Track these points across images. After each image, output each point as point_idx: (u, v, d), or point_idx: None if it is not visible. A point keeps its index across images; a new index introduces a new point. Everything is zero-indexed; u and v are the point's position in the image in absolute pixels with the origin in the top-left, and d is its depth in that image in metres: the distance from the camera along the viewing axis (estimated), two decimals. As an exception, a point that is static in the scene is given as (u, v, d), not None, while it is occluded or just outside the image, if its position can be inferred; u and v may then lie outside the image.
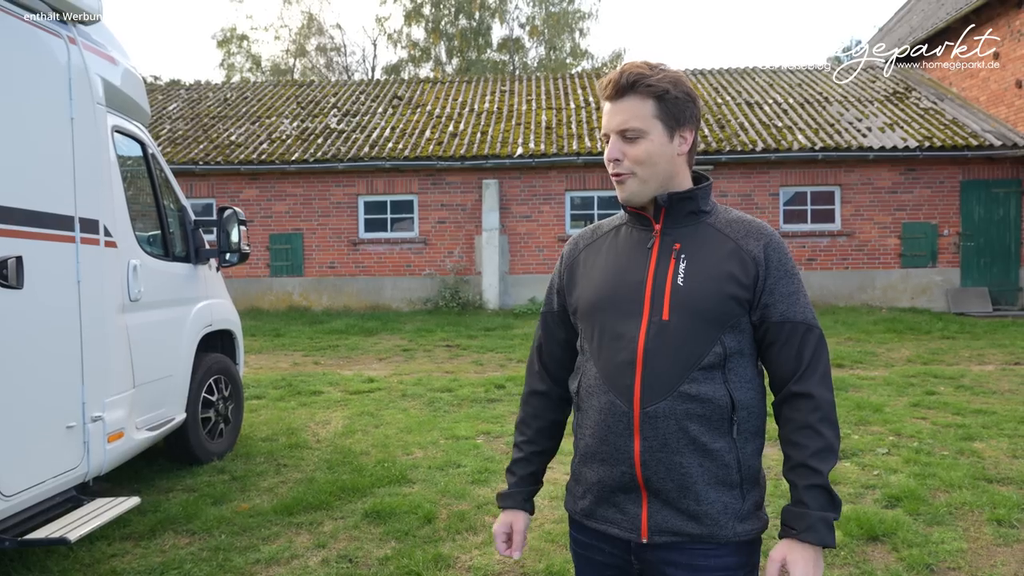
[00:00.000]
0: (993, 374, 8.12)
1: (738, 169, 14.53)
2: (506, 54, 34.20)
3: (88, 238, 3.64)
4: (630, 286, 1.60)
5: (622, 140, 1.60)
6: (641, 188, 1.61)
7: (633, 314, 1.58)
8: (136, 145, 4.66)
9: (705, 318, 1.55)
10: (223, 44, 35.48)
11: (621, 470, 1.58)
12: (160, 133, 16.26)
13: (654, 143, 1.58)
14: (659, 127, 1.58)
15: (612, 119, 1.60)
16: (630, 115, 1.58)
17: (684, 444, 1.53)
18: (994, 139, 14.00)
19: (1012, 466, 4.86)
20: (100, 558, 3.70)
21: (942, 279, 14.44)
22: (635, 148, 1.58)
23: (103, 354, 3.73)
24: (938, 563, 3.51)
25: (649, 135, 1.58)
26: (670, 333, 1.55)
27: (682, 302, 1.55)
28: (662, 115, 1.58)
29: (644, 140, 1.58)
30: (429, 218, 15.07)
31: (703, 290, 1.55)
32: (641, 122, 1.57)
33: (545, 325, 1.82)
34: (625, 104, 1.58)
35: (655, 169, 1.60)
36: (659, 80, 1.57)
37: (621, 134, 1.59)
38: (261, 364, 9.35)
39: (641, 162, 1.59)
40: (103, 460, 3.72)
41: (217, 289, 5.55)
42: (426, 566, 3.54)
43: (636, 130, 1.58)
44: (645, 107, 1.57)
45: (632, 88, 1.57)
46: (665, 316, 1.55)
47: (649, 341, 1.55)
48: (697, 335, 1.55)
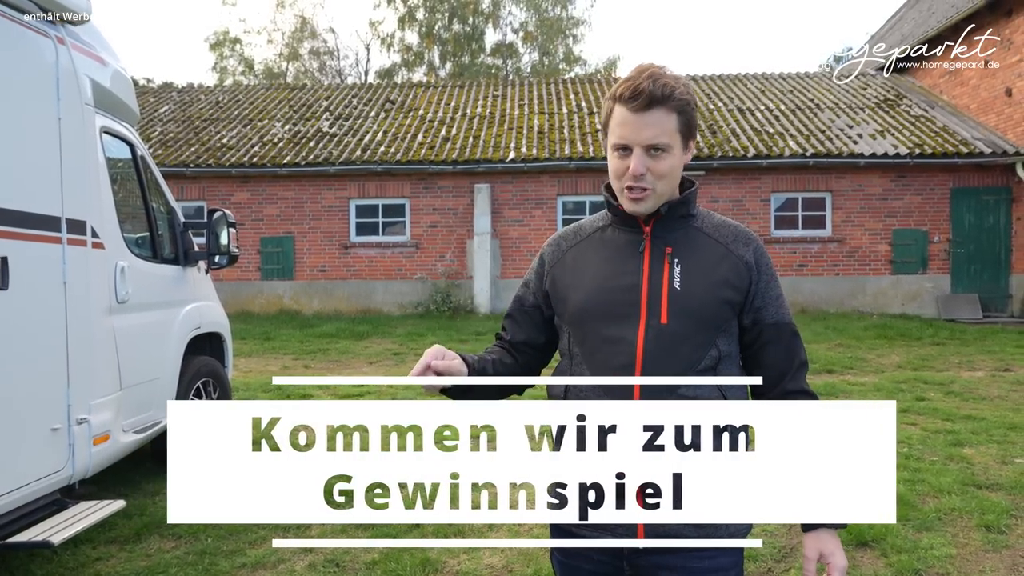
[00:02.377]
0: (983, 380, 8.15)
1: (730, 175, 14.57)
2: (499, 59, 34.26)
3: (75, 239, 3.61)
4: (624, 290, 1.59)
5: (647, 154, 1.54)
6: (656, 202, 1.59)
7: (629, 318, 1.57)
8: (125, 146, 4.63)
9: (703, 322, 1.56)
10: (216, 47, 35.42)
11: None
12: (151, 135, 16.20)
13: (675, 158, 1.56)
14: (679, 141, 1.56)
15: (640, 132, 1.53)
16: (659, 130, 1.53)
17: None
18: (984, 147, 14.08)
19: (1001, 472, 4.87)
20: (84, 562, 3.67)
21: (932, 286, 14.50)
22: (660, 164, 1.55)
23: (89, 356, 3.70)
24: (927, 569, 3.51)
25: (673, 150, 1.55)
26: (669, 337, 1.55)
27: (681, 306, 1.56)
28: (682, 129, 1.56)
29: (668, 156, 1.55)
30: (421, 222, 15.06)
31: (701, 294, 1.56)
32: (668, 137, 1.54)
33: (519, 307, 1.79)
34: (654, 117, 1.52)
35: (672, 183, 1.59)
36: (683, 93, 1.53)
37: (648, 148, 1.54)
38: (251, 367, 9.31)
39: (663, 177, 1.56)
40: (88, 463, 3.68)
41: (206, 292, 5.52)
42: (413, 571, 3.52)
43: (664, 145, 1.53)
44: (671, 122, 1.54)
45: (663, 101, 1.52)
46: (664, 320, 1.55)
47: (648, 344, 1.55)
48: (695, 339, 1.56)
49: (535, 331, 1.77)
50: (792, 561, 3.62)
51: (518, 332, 1.78)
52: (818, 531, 1.58)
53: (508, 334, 1.80)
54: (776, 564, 3.61)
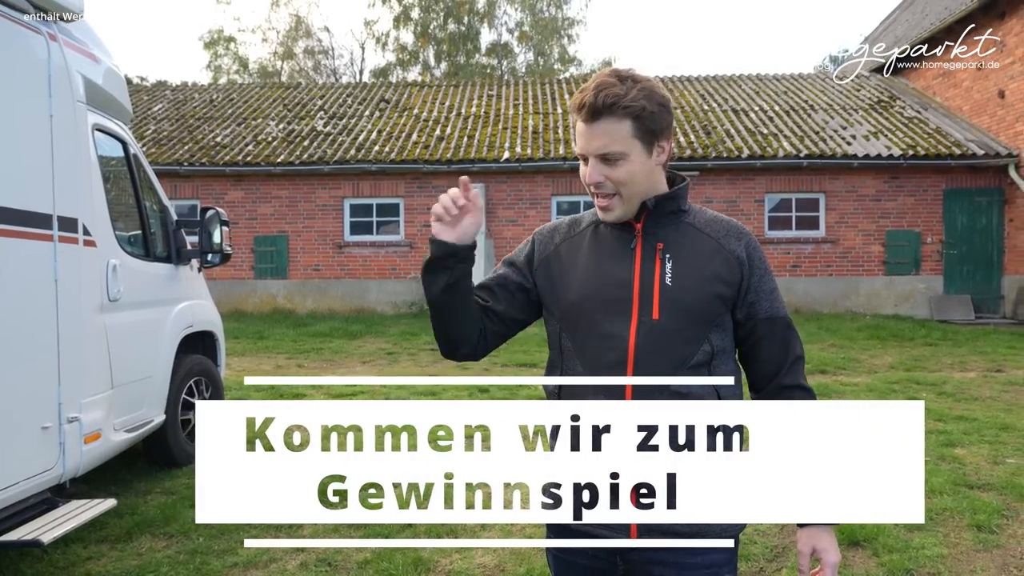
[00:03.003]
0: (975, 381, 8.18)
1: (724, 175, 14.59)
2: (494, 59, 34.24)
3: (66, 237, 3.59)
4: (616, 286, 1.59)
5: (602, 163, 1.55)
6: (626, 209, 1.59)
7: (622, 314, 1.57)
8: (117, 144, 4.61)
9: (695, 317, 1.57)
10: (210, 46, 35.32)
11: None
12: (145, 134, 16.14)
13: (635, 163, 1.56)
14: (638, 146, 1.55)
15: (590, 143, 1.55)
16: (608, 139, 1.53)
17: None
18: (977, 148, 14.14)
19: (993, 472, 4.88)
20: (75, 561, 3.65)
21: (925, 287, 14.55)
22: (617, 171, 1.55)
23: (80, 354, 3.68)
24: (918, 568, 3.52)
25: (630, 156, 1.55)
26: (661, 332, 1.55)
27: (672, 301, 1.56)
28: (640, 133, 1.54)
29: (625, 162, 1.55)
30: (415, 221, 15.04)
31: (692, 289, 1.57)
32: (621, 145, 1.53)
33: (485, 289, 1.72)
34: (602, 127, 1.53)
35: (638, 188, 1.58)
36: (633, 98, 1.52)
37: (601, 157, 1.55)
38: (244, 366, 9.28)
39: (624, 183, 1.56)
40: (79, 462, 3.66)
41: (199, 290, 5.51)
42: (406, 570, 3.51)
43: (616, 153, 1.54)
44: (622, 128, 1.53)
45: (608, 110, 1.52)
46: (655, 316, 1.56)
47: (640, 340, 1.55)
48: (687, 334, 1.56)
49: (512, 307, 1.72)
50: (784, 560, 3.62)
51: (495, 302, 1.72)
52: (812, 527, 1.61)
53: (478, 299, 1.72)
54: (768, 564, 3.61)
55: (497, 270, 1.76)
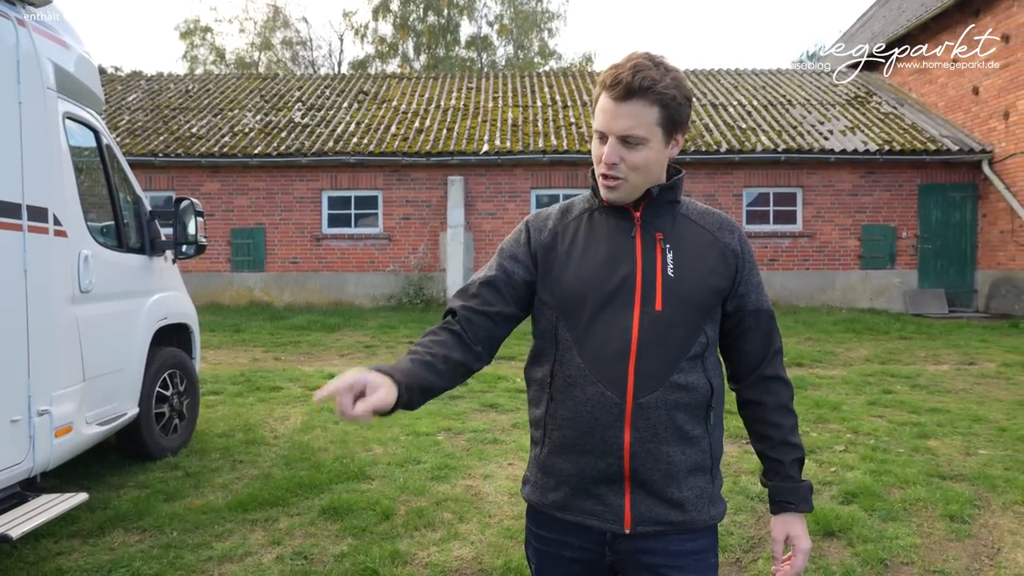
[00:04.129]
0: (948, 374, 8.29)
1: (703, 169, 14.65)
2: (474, 52, 34.12)
3: (36, 226, 3.52)
4: (619, 276, 1.57)
5: (622, 144, 1.53)
6: (631, 193, 1.58)
7: (624, 304, 1.56)
8: (89, 133, 4.53)
9: (695, 309, 1.58)
10: (186, 36, 34.90)
11: (608, 461, 1.56)
12: (118, 124, 15.92)
13: (653, 151, 1.55)
14: (659, 134, 1.54)
15: (616, 122, 1.52)
16: (635, 121, 1.51)
17: (671, 433, 1.56)
18: (951, 144, 14.30)
19: (965, 463, 4.95)
20: (45, 556, 3.59)
21: (900, 281, 14.72)
22: (635, 155, 1.53)
23: (51, 346, 3.62)
24: (892, 558, 3.55)
25: (650, 143, 1.53)
26: (663, 324, 1.55)
27: (674, 293, 1.56)
28: (664, 122, 1.53)
29: (644, 148, 1.53)
30: (394, 214, 14.96)
31: (693, 281, 1.58)
32: (645, 130, 1.52)
33: (493, 289, 1.64)
34: (631, 108, 1.50)
35: (649, 175, 1.57)
36: (667, 86, 1.50)
37: (623, 139, 1.52)
38: (220, 359, 9.20)
39: (638, 168, 1.55)
40: (50, 455, 3.60)
41: (173, 282, 5.43)
42: (383, 562, 3.49)
43: (639, 138, 1.52)
44: (651, 114, 1.51)
45: (643, 93, 1.49)
46: (658, 307, 1.55)
47: (643, 332, 1.55)
48: (687, 325, 1.57)
49: (520, 306, 1.66)
50: (760, 551, 3.65)
51: (504, 305, 1.64)
52: (786, 515, 1.65)
53: (485, 304, 1.63)
54: (745, 554, 3.63)
55: (500, 265, 1.68)
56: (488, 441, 5.45)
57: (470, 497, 4.37)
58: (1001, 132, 13.87)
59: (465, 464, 4.95)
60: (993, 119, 14.06)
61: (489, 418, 6.18)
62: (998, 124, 13.93)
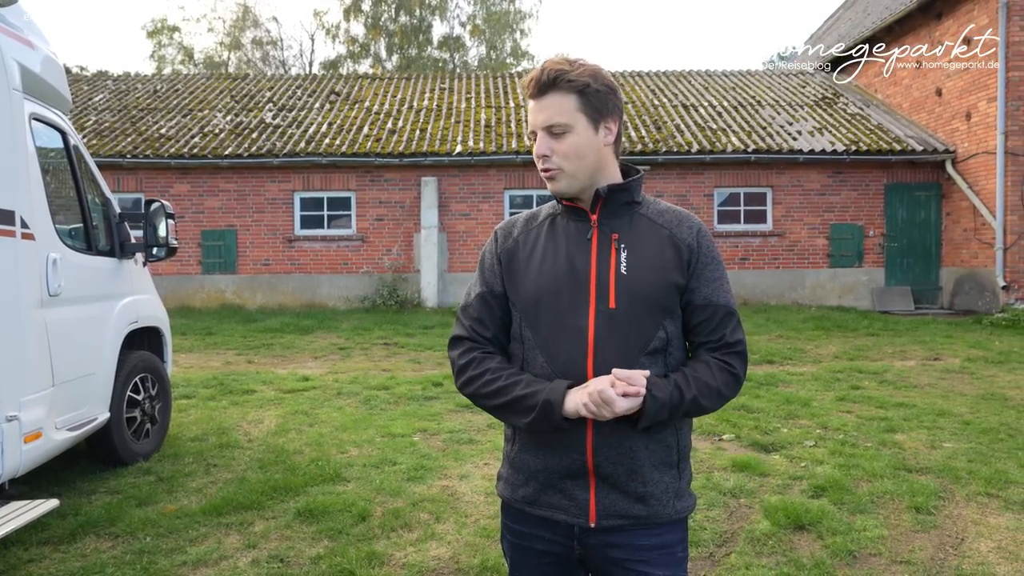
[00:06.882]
0: (914, 369, 8.45)
1: (674, 170, 14.78)
2: (447, 52, 34.08)
3: (3, 230, 3.48)
4: (574, 277, 1.62)
5: (549, 136, 1.62)
6: (571, 182, 1.64)
7: (580, 304, 1.61)
8: (56, 134, 4.47)
9: (650, 305, 1.61)
10: (153, 35, 34.47)
11: (572, 457, 1.61)
12: (85, 124, 15.68)
13: (580, 136, 1.61)
14: (583, 120, 1.61)
15: (537, 116, 1.63)
16: (554, 111, 1.60)
17: (633, 428, 1.57)
18: (916, 144, 14.57)
19: (931, 456, 5.06)
20: (15, 563, 3.54)
21: (868, 278, 14.96)
22: (562, 143, 1.61)
23: (19, 351, 3.57)
24: (860, 549, 3.63)
25: (575, 129, 1.61)
26: (619, 321, 1.59)
27: (628, 290, 1.60)
28: (585, 108, 1.61)
29: (570, 134, 1.61)
30: (367, 215, 14.90)
31: (647, 278, 1.61)
32: (566, 117, 1.60)
33: (486, 304, 1.72)
34: (548, 101, 1.61)
35: (584, 162, 1.63)
36: (579, 75, 1.60)
37: (547, 130, 1.61)
38: (192, 363, 9.11)
39: (569, 156, 1.62)
40: (19, 461, 3.55)
41: (144, 285, 5.38)
42: (359, 564, 3.49)
43: (562, 125, 1.61)
44: (568, 102, 1.60)
45: (554, 84, 1.60)
46: (612, 304, 1.59)
47: (599, 329, 1.59)
48: (643, 322, 1.60)
49: (508, 314, 1.73)
50: (732, 546, 3.70)
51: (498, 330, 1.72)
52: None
53: (489, 330, 1.71)
54: (717, 549, 3.68)
55: (482, 278, 1.75)
56: (464, 441, 5.46)
57: (446, 497, 4.38)
58: (963, 132, 14.16)
59: (441, 464, 4.96)
60: (956, 120, 14.34)
61: (464, 418, 6.19)
62: (961, 124, 14.22)
